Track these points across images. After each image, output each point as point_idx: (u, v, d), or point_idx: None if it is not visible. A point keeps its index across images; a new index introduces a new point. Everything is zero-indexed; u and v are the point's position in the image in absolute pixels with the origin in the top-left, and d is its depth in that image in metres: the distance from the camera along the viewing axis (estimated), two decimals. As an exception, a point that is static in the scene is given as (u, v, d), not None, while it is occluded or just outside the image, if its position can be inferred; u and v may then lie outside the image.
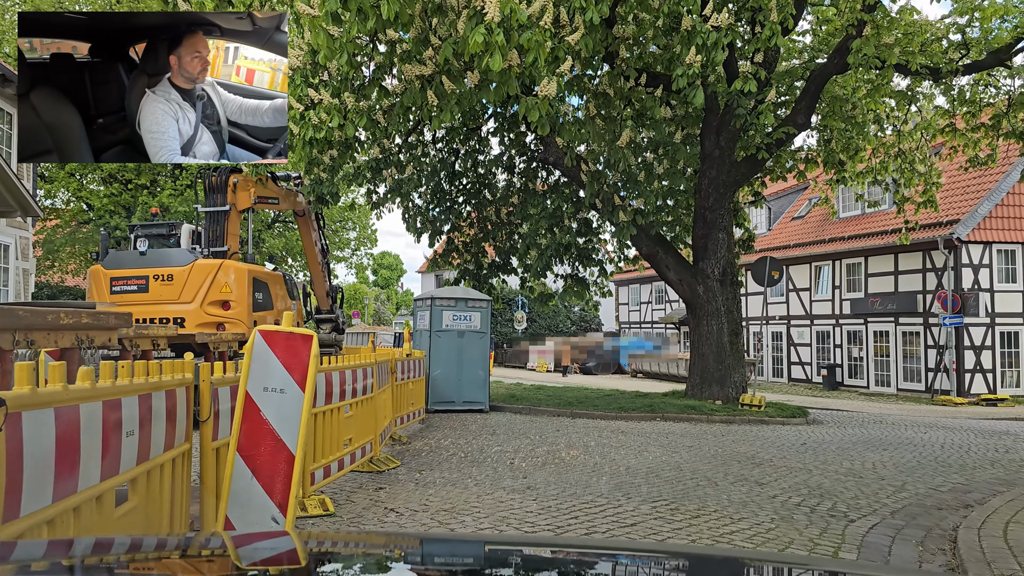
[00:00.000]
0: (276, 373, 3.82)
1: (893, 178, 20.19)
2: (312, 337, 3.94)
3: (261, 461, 3.66)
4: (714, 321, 15.75)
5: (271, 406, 3.80)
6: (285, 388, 3.77)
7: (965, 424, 16.49)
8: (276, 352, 3.82)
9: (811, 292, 28.52)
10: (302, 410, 3.77)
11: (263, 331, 3.88)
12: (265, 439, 3.71)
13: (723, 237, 15.65)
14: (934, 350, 23.28)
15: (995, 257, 22.82)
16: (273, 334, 3.86)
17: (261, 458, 3.66)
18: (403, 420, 11.00)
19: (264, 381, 3.82)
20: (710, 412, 14.40)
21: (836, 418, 16.57)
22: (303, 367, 3.83)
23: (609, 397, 17.07)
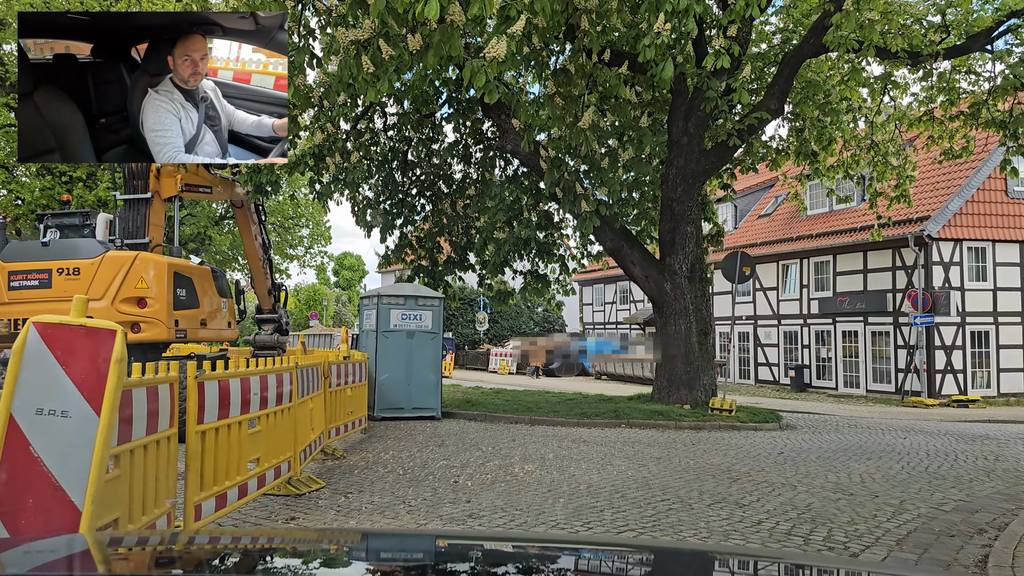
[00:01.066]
0: (58, 387, 2.63)
1: (864, 172, 19.49)
2: (115, 333, 2.73)
3: (26, 522, 2.47)
4: (682, 320, 14.79)
5: (47, 437, 2.60)
6: (70, 410, 2.59)
7: (942, 427, 15.76)
8: (58, 355, 2.62)
9: (778, 291, 27.84)
10: (95, 445, 2.58)
11: (40, 324, 2.67)
12: (34, 487, 2.52)
13: (691, 231, 14.69)
14: (904, 350, 22.68)
15: (966, 255, 22.28)
16: (55, 329, 2.64)
17: (26, 517, 2.47)
18: (341, 430, 9.81)
19: (39, 399, 2.62)
20: (678, 418, 13.42)
21: (809, 422, 15.73)
22: (98, 378, 2.63)
23: (571, 402, 16.02)
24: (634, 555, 1.69)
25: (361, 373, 10.83)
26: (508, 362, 37.76)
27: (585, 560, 1.57)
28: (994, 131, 14.47)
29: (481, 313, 41.95)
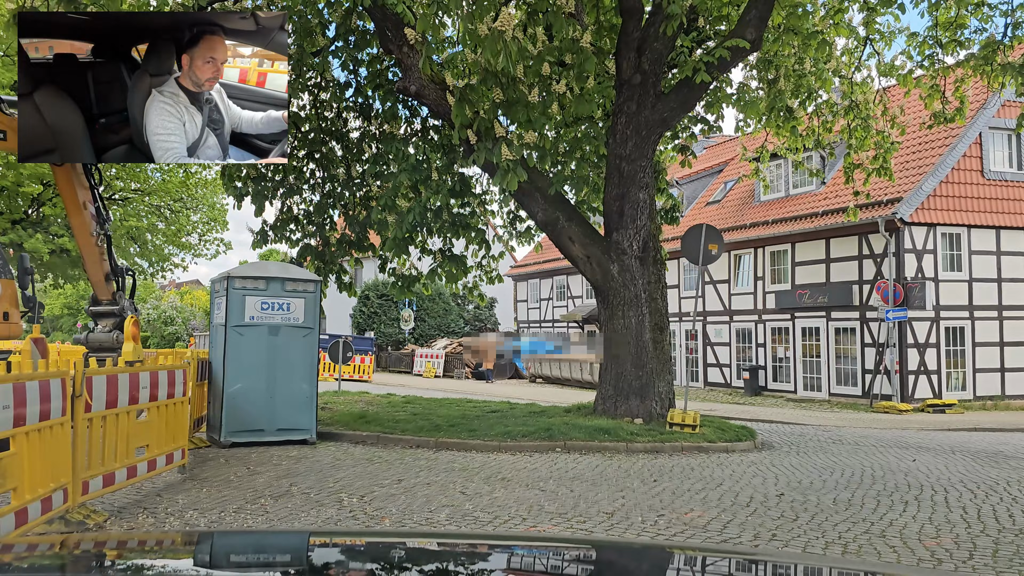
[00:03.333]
0: None
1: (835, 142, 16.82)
2: None
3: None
4: (632, 312, 11.73)
5: None
6: None
7: (935, 440, 13.09)
8: None
9: (730, 284, 25.20)
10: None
11: None
12: None
13: (644, 199, 11.65)
14: (872, 349, 20.20)
15: (939, 241, 19.92)
16: None
17: None
18: (119, 477, 6.35)
19: None
20: (629, 437, 10.33)
21: (784, 437, 12.86)
22: None
23: (495, 414, 12.80)
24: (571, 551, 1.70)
25: (177, 385, 7.35)
26: (434, 364, 34.35)
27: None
28: (1012, 77, 11.82)
29: (406, 310, 38.42)
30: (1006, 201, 20.40)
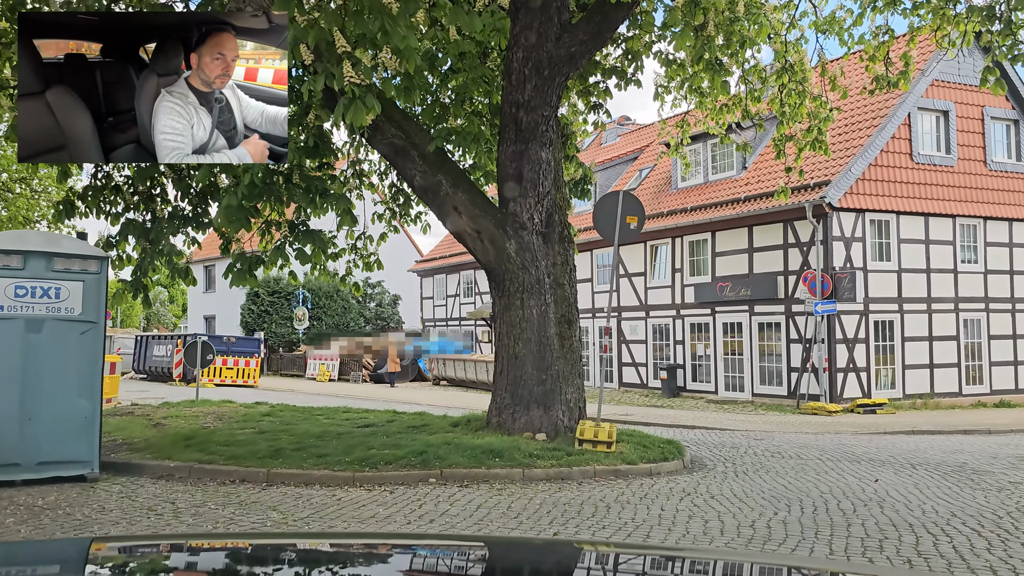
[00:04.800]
0: None
1: (764, 114, 15.00)
2: None
3: None
4: (533, 300, 9.42)
5: None
6: None
7: (884, 447, 11.29)
8: None
9: (646, 277, 23.32)
10: None
11: None
12: None
13: (548, 160, 9.35)
14: (799, 345, 18.58)
15: (868, 229, 18.46)
16: None
17: None
18: None
19: None
20: (527, 461, 7.99)
21: (715, 449, 10.80)
22: None
23: (369, 429, 10.28)
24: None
25: None
26: (329, 367, 31.38)
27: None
28: (974, 26, 10.07)
29: (300, 308, 35.25)
30: (934, 187, 19.15)
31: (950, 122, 19.37)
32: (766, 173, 20.23)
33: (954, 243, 19.34)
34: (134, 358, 32.74)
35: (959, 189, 19.37)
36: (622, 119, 33.35)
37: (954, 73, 19.53)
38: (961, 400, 18.98)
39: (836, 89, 12.53)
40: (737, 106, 14.08)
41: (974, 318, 19.49)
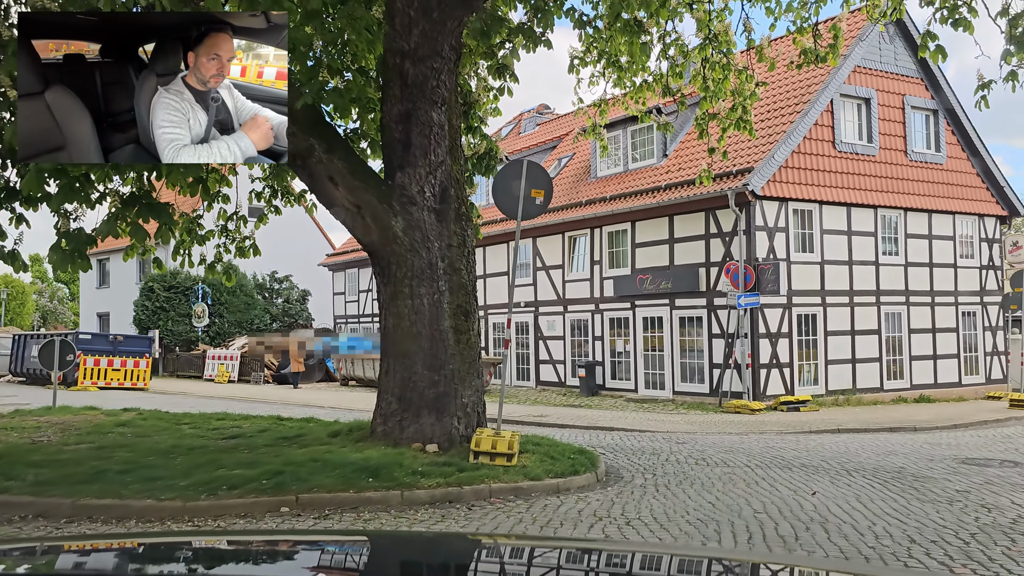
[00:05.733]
0: None
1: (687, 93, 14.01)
2: None
3: None
4: (425, 287, 8.04)
5: None
6: None
7: (814, 451, 10.36)
8: None
9: (564, 270, 22.20)
10: None
11: None
12: None
13: (441, 123, 7.98)
14: (721, 340, 17.74)
15: (791, 219, 17.76)
16: None
17: None
18: None
19: None
20: (409, 480, 6.59)
21: (634, 457, 9.64)
22: None
23: (226, 445, 8.69)
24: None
25: None
26: (228, 367, 29.19)
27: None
28: None
29: (199, 305, 32.85)
30: (856, 176, 18.61)
31: (872, 110, 18.88)
32: (688, 160, 19.37)
33: (876, 234, 18.87)
34: (11, 359, 29.85)
35: (880, 179, 18.91)
36: (541, 107, 32.26)
37: (875, 60, 19.05)
38: (882, 396, 18.52)
39: (763, 60, 11.56)
40: (658, 82, 13.04)
41: (895, 311, 19.08)
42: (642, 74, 13.00)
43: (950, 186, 20.02)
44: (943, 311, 19.83)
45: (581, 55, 12.44)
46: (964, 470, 8.78)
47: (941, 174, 19.91)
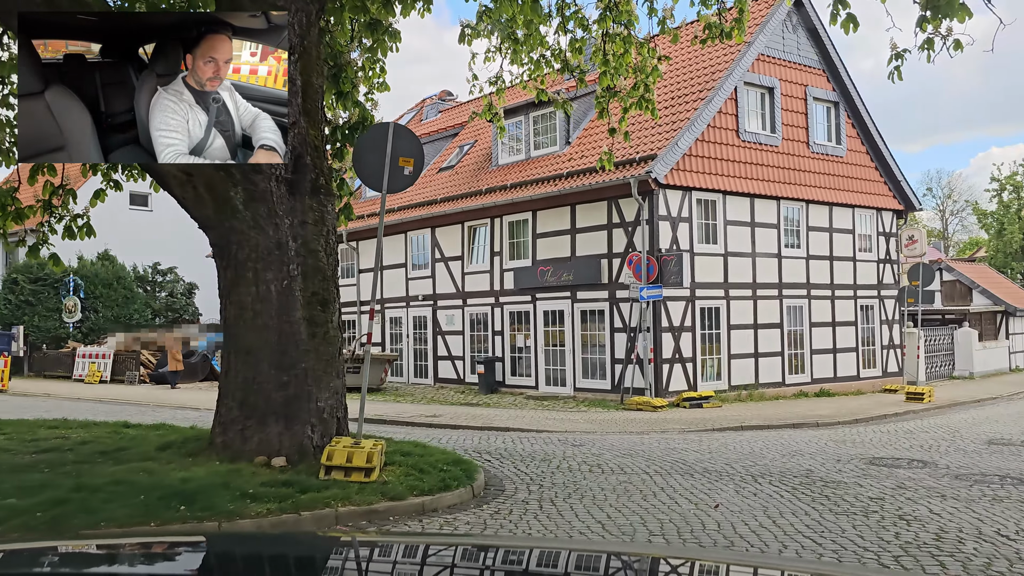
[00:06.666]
0: None
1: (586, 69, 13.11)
2: None
3: None
4: (273, 272, 6.78)
5: None
6: None
7: (717, 452, 9.61)
8: None
9: (463, 262, 21.09)
10: None
11: None
12: None
13: (292, 74, 6.69)
14: (623, 335, 17.01)
15: (695, 209, 17.18)
16: None
17: None
18: None
19: None
20: (232, 508, 5.33)
21: (523, 464, 8.62)
22: None
23: (27, 461, 7.18)
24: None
25: None
26: (100, 366, 26.76)
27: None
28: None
29: (70, 299, 30.13)
30: (760, 167, 18.23)
31: (775, 100, 18.54)
32: (591, 148, 18.56)
33: (778, 227, 18.55)
34: None
35: (783, 171, 18.61)
36: (443, 94, 31.09)
37: (779, 48, 18.72)
38: (784, 390, 18.22)
39: (666, 32, 10.75)
40: (556, 58, 12.13)
41: (796, 305, 18.83)
42: (540, 49, 12.09)
43: (850, 179, 19.95)
44: (842, 305, 19.74)
45: (474, 25, 11.42)
46: (874, 472, 8.14)
47: (841, 167, 19.81)
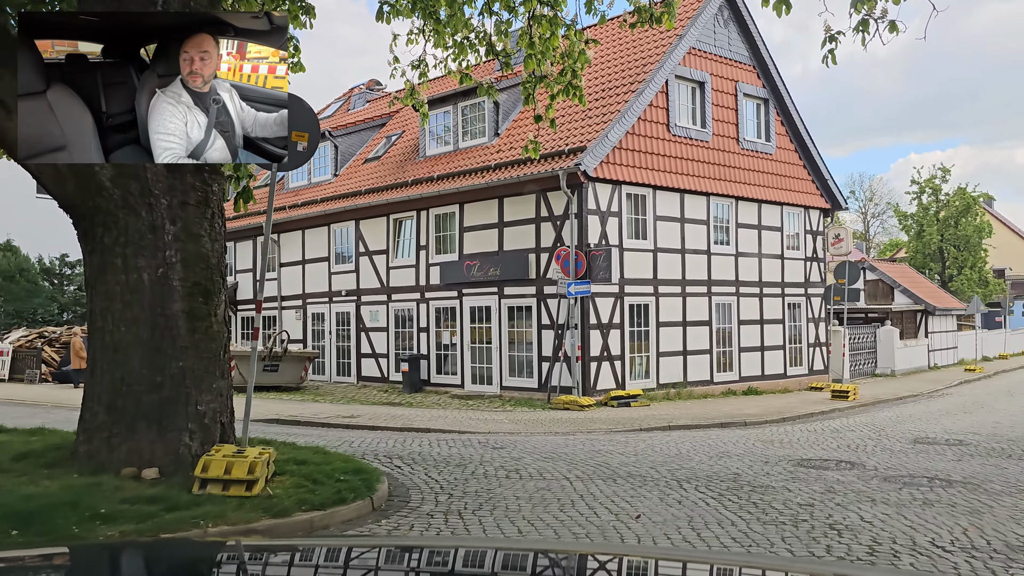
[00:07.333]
0: None
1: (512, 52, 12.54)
2: None
3: None
4: (145, 258, 5.99)
5: None
6: None
7: (643, 454, 9.17)
8: None
9: (388, 256, 20.30)
10: None
11: None
12: None
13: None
14: (551, 332, 16.53)
15: (624, 203, 16.80)
16: None
17: None
18: None
19: None
20: (80, 531, 4.53)
21: (436, 469, 7.99)
22: None
23: None
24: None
25: None
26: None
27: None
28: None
29: (-34, 292, 28.09)
30: (690, 162, 17.99)
31: (706, 95, 18.33)
32: (520, 140, 17.99)
33: (708, 223, 18.35)
34: None
35: (713, 166, 18.41)
36: (371, 83, 30.18)
37: (710, 43, 18.52)
38: (712, 388, 18.04)
39: (593, 12, 10.25)
40: (481, 41, 11.52)
41: (725, 302, 18.68)
42: (464, 31, 11.46)
43: (779, 177, 19.92)
44: (770, 302, 19.70)
45: (392, 2, 10.73)
46: (802, 475, 7.79)
47: (771, 164, 19.76)
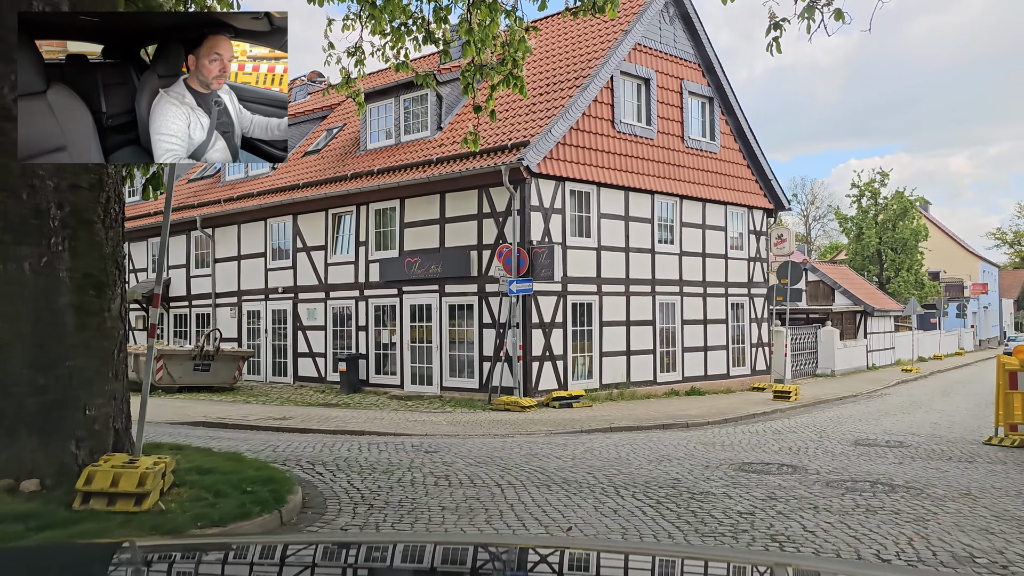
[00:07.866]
0: None
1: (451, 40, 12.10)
2: None
3: None
4: (27, 246, 5.38)
5: None
6: None
7: (581, 458, 8.83)
8: None
9: (327, 252, 19.64)
10: None
11: None
12: None
13: None
14: (492, 331, 16.11)
15: (568, 200, 16.49)
16: None
17: None
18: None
19: None
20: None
21: (359, 475, 7.50)
22: None
23: None
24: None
25: None
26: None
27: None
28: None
29: None
30: (635, 159, 17.78)
31: (651, 92, 18.14)
32: (463, 134, 17.42)
33: (652, 221, 18.17)
34: None
35: (658, 164, 18.24)
36: (313, 75, 29.35)
37: (656, 40, 18.34)
38: (656, 388, 17.86)
39: (534, -2, 9.84)
40: (419, 28, 11.04)
41: (669, 302, 18.52)
42: (402, 17, 10.97)
43: (723, 176, 19.87)
44: (714, 302, 19.63)
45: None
46: (743, 480, 7.52)
47: (715, 163, 19.69)
